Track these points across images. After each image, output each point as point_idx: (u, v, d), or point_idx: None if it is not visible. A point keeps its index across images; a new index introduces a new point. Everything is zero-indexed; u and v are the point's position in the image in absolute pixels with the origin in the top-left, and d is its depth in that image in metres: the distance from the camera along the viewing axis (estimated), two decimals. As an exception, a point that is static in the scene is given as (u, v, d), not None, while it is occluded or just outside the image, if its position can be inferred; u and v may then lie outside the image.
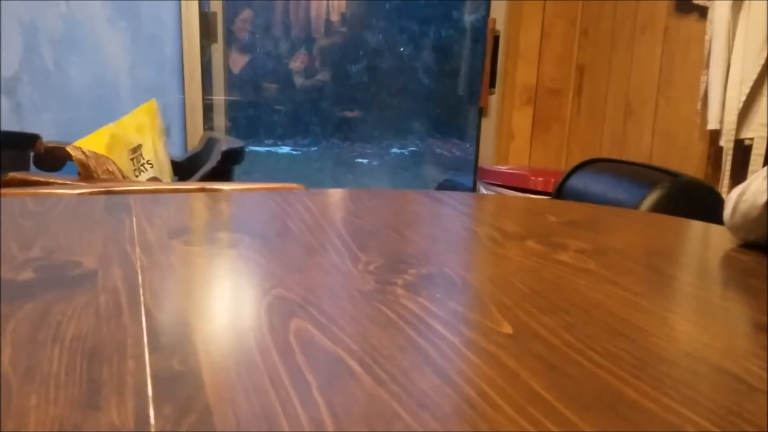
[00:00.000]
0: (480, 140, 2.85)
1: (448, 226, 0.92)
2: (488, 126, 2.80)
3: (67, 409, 0.37)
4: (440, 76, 3.49)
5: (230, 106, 2.81)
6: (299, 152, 3.64)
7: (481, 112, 2.82)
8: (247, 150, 2.26)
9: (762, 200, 0.72)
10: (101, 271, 0.61)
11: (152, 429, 0.36)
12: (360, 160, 3.69)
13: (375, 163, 3.70)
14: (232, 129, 2.87)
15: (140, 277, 0.59)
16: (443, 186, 3.38)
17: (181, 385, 0.40)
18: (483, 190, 2.48)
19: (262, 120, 3.47)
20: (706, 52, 1.88)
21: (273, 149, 3.62)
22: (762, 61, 1.74)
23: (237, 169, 2.15)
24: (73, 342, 0.46)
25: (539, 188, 2.19)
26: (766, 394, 0.42)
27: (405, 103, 3.54)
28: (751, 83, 1.76)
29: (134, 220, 0.81)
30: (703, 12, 1.96)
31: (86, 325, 0.49)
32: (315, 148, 3.61)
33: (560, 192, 1.84)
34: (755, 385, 0.44)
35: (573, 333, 0.51)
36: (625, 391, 0.42)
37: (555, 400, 0.40)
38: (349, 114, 3.56)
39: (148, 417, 0.37)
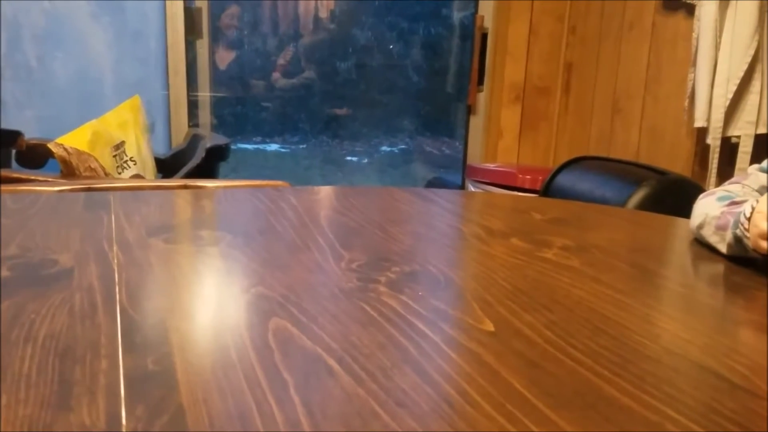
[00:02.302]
0: (468, 138, 2.85)
1: (433, 224, 0.92)
2: (476, 124, 2.80)
3: (37, 409, 0.37)
4: (430, 74, 3.48)
5: (217, 103, 2.79)
6: (288, 150, 3.62)
7: (470, 110, 2.82)
8: (234, 147, 2.25)
9: (723, 251, 0.73)
10: (77, 270, 0.60)
11: (123, 429, 0.35)
12: (349, 158, 3.68)
13: (365, 160, 3.69)
14: (219, 126, 2.85)
15: (117, 276, 0.58)
16: (432, 184, 3.38)
17: (154, 385, 0.39)
18: (471, 188, 2.48)
19: (250, 117, 3.45)
20: (693, 50, 1.88)
21: (261, 147, 3.60)
22: (748, 59, 1.74)
23: (224, 167, 2.13)
24: (46, 341, 0.45)
25: (527, 186, 2.19)
26: (747, 392, 0.42)
27: (394, 101, 3.53)
28: (737, 81, 1.76)
29: (113, 217, 0.80)
30: (690, 9, 1.97)
31: (60, 324, 0.48)
32: (304, 146, 3.60)
33: (547, 190, 1.84)
34: (736, 383, 0.43)
35: (554, 330, 0.50)
36: (605, 389, 0.41)
37: (534, 398, 0.40)
38: (338, 111, 3.54)
39: (119, 417, 0.36)
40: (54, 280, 0.57)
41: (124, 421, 0.35)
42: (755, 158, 1.73)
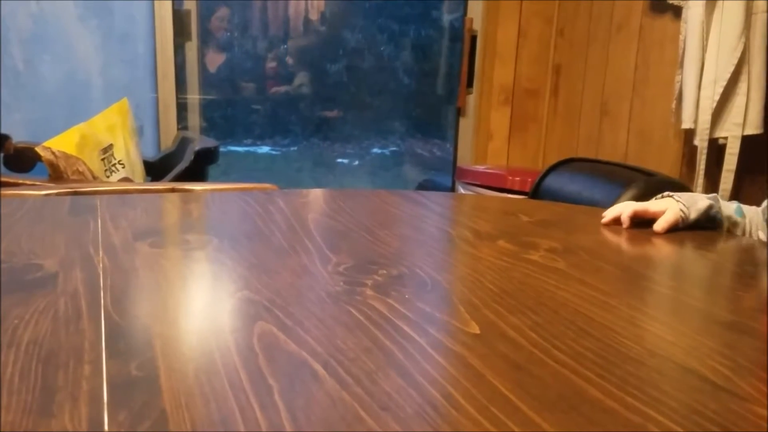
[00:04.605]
0: (458, 140, 2.85)
1: (421, 227, 0.92)
2: (466, 126, 2.80)
3: (18, 415, 0.36)
4: (420, 76, 3.49)
5: (207, 106, 2.78)
6: (278, 152, 3.61)
7: (459, 112, 2.83)
8: (224, 150, 2.24)
9: None
10: (62, 274, 0.59)
11: (105, 436, 0.35)
12: (340, 160, 3.68)
13: (355, 163, 3.69)
14: (210, 129, 2.84)
15: (102, 281, 0.58)
16: (423, 186, 3.38)
17: (137, 390, 0.39)
18: (461, 190, 2.48)
19: (241, 119, 3.44)
20: (680, 52, 1.89)
21: (252, 149, 3.60)
22: (735, 61, 1.75)
23: (215, 170, 2.12)
24: (29, 347, 0.45)
25: (516, 188, 2.19)
26: (730, 393, 0.42)
27: (385, 103, 3.53)
28: (724, 83, 1.77)
29: (99, 221, 0.79)
30: (677, 11, 1.98)
31: (43, 330, 0.47)
32: (295, 148, 3.59)
33: (537, 192, 1.84)
34: (720, 384, 0.44)
35: (539, 332, 0.50)
36: (589, 391, 0.41)
37: (518, 401, 0.40)
38: (329, 114, 3.54)
39: (102, 423, 0.36)
40: (38, 285, 0.57)
41: (106, 427, 0.35)
42: (742, 159, 1.74)
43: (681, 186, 1.70)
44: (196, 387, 0.40)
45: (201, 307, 0.58)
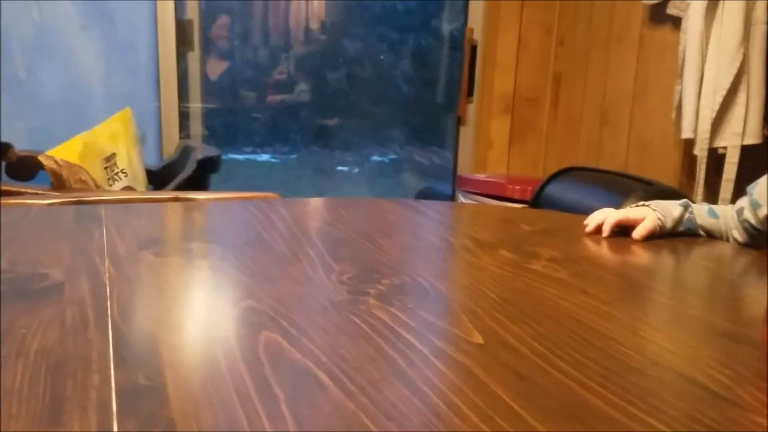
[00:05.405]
0: (458, 148, 2.86)
1: (422, 236, 0.92)
2: (466, 134, 2.81)
3: (28, 424, 0.37)
4: (420, 85, 3.50)
5: (208, 114, 2.79)
6: (279, 160, 3.62)
7: (459, 121, 2.84)
8: (224, 157, 2.24)
9: None
10: (68, 284, 0.60)
11: (114, 445, 0.35)
12: (340, 168, 3.69)
13: (355, 170, 3.70)
14: (210, 137, 2.85)
15: (108, 290, 0.58)
16: (422, 194, 3.38)
17: (145, 399, 0.40)
18: (461, 199, 2.49)
19: (241, 127, 3.45)
20: (680, 62, 1.90)
21: (252, 157, 3.60)
22: (734, 71, 1.76)
23: (215, 177, 2.13)
24: (37, 356, 0.45)
25: (516, 196, 2.20)
26: (729, 402, 0.43)
27: (385, 111, 3.54)
28: (724, 92, 1.78)
29: (104, 230, 0.80)
30: (676, 22, 1.99)
31: (51, 339, 0.48)
32: (295, 156, 3.60)
33: (537, 200, 1.85)
34: (719, 393, 0.44)
35: (542, 342, 0.51)
36: (590, 400, 0.42)
37: (521, 409, 0.40)
38: (328, 122, 3.55)
39: (111, 432, 0.36)
40: (44, 294, 0.57)
41: (115, 436, 0.36)
42: (742, 169, 1.75)
43: (681, 195, 1.70)
44: (204, 396, 0.40)
45: (206, 316, 0.58)
